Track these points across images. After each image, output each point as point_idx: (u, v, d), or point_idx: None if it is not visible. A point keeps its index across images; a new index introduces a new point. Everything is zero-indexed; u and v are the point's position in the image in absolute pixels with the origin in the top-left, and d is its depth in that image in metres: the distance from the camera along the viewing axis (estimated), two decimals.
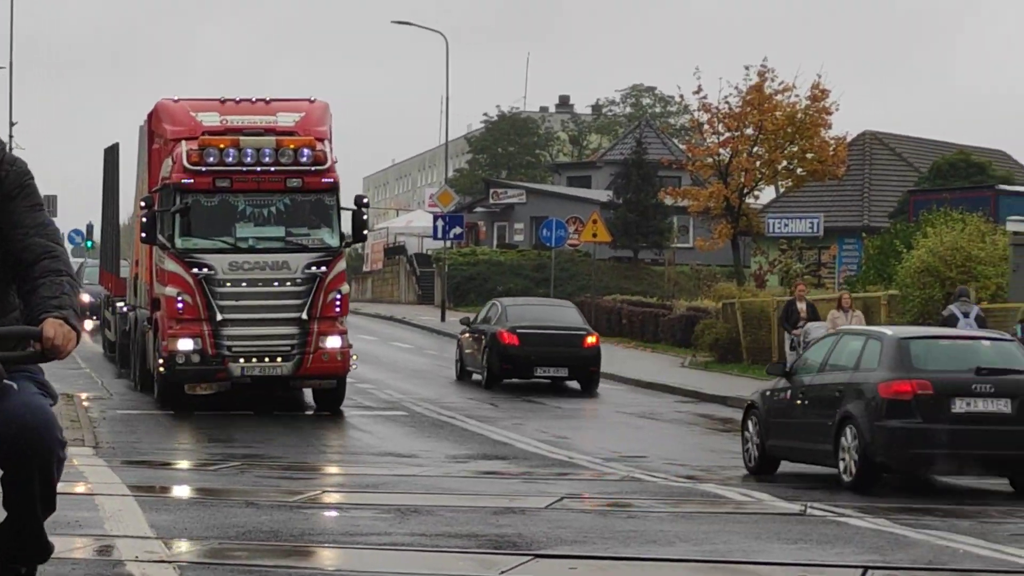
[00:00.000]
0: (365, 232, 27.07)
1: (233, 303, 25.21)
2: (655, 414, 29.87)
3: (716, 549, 13.82)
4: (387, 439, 24.11)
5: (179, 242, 25.20)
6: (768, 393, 20.36)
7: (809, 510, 16.36)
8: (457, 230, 61.28)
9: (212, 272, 25.06)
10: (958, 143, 63.72)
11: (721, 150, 54.86)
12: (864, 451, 17.66)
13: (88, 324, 46.78)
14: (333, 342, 25.54)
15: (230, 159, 25.17)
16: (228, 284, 25.16)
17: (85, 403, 27.67)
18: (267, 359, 25.45)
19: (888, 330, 20.82)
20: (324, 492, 17.54)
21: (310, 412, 27.91)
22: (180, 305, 25.12)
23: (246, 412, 26.52)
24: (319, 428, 26.15)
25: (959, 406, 17.51)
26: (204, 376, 25.48)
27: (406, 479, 19.36)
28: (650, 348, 47.60)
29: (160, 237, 25.61)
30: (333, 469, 20.43)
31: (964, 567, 13.13)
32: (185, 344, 25.02)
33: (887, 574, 12.61)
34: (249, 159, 25.23)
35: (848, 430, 17.92)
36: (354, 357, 26.60)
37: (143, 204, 26.49)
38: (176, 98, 27.29)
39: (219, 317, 25.04)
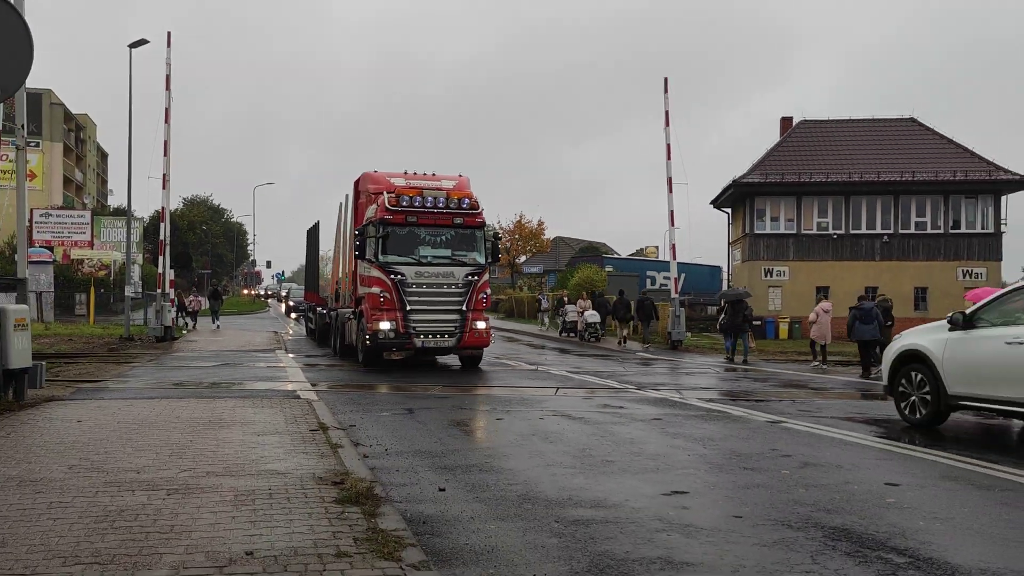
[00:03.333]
0: (499, 255, 26.25)
1: (417, 299, 24.69)
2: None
3: (492, 382, 19.27)
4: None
5: (381, 258, 24.67)
6: None
7: (539, 369, 23.78)
8: None
9: (403, 277, 24.58)
10: (588, 240, 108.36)
11: (507, 245, 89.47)
12: None
13: (293, 315, 60.49)
14: (481, 324, 25.28)
15: (416, 204, 24.96)
16: (414, 286, 24.66)
17: (280, 334, 36.76)
18: (439, 336, 24.89)
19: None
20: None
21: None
22: (382, 299, 24.55)
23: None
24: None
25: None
26: (398, 346, 24.75)
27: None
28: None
29: (367, 255, 25.02)
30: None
31: (596, 385, 17.89)
32: (385, 324, 24.53)
33: (565, 390, 17.17)
34: (429, 204, 25.00)
35: None
36: (492, 333, 26.46)
37: (357, 233, 25.84)
38: (375, 170, 27.01)
39: (408, 308, 24.60)
